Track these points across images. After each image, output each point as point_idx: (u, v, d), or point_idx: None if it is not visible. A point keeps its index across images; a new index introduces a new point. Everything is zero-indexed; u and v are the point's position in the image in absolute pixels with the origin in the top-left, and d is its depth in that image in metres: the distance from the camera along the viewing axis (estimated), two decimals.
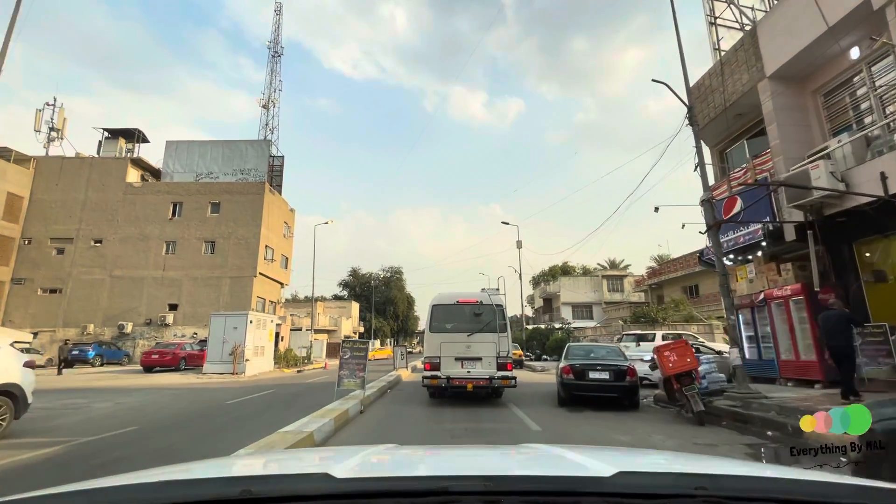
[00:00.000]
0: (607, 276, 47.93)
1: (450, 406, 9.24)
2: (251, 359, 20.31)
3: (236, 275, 31.79)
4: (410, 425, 7.39)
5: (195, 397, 11.91)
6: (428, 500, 0.88)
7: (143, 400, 11.26)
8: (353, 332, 63.60)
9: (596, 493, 0.93)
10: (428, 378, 9.14)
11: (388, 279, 74.55)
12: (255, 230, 32.57)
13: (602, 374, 8.53)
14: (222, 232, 32.52)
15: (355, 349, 8.77)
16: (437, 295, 9.97)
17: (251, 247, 32.30)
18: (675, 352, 6.96)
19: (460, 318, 9.43)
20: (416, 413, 8.60)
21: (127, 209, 32.58)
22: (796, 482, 1.06)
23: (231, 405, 10.12)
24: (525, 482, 1.05)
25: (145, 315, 30.79)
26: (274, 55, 61.94)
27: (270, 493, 0.93)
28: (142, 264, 31.70)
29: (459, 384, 8.93)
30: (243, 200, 33.13)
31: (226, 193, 33.31)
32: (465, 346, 9.12)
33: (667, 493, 0.92)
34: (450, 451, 2.19)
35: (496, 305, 9.39)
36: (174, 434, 6.99)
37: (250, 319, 20.36)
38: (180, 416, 8.81)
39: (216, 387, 15.02)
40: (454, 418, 8.00)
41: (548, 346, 28.70)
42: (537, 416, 8.13)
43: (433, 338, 9.38)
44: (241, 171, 35.78)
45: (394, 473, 1.31)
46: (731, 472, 1.17)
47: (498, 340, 9.07)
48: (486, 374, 8.95)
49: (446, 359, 9.10)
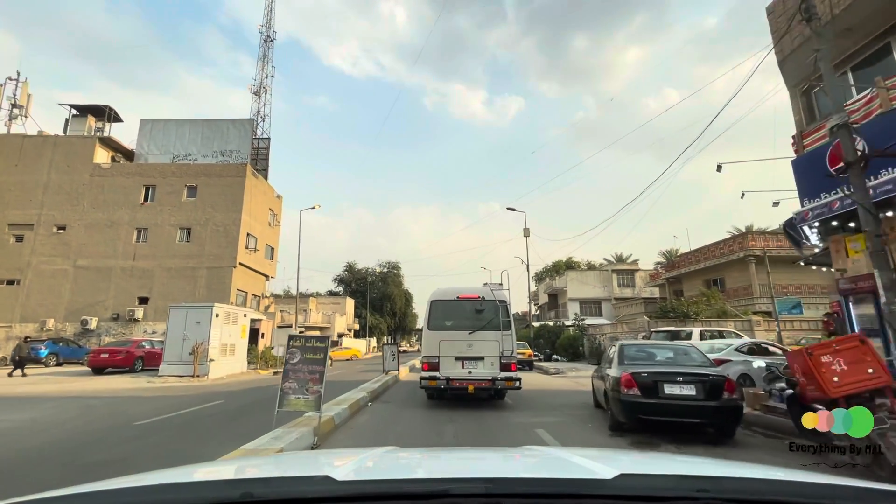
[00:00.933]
0: (617, 271, 44.97)
1: (453, 423, 7.45)
2: (217, 359, 17.35)
3: (214, 265, 28.80)
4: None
5: (110, 411, 8.95)
6: (429, 502, 0.87)
7: (38, 415, 8.33)
8: (348, 329, 60.59)
9: (597, 495, 0.92)
10: (426, 379, 8.62)
11: (384, 275, 71.41)
12: (236, 216, 29.56)
13: (685, 388, 5.55)
14: (199, 218, 29.51)
15: (308, 349, 5.79)
16: (436, 290, 9.51)
17: (231, 234, 29.29)
18: (844, 356, 4.01)
19: (461, 315, 8.93)
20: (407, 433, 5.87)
21: (94, 193, 29.54)
22: (798, 484, 1.06)
23: (137, 428, 7.14)
24: (526, 484, 1.05)
25: (112, 309, 27.79)
26: (266, 40, 58.77)
27: (271, 496, 0.94)
28: (109, 253, 28.68)
29: (460, 386, 8.40)
30: (223, 184, 30.10)
31: (203, 176, 30.27)
32: (467, 344, 8.64)
33: (669, 496, 0.91)
34: (450, 454, 2.15)
35: (499, 301, 8.90)
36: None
37: (216, 313, 17.38)
38: (40, 449, 5.88)
39: (160, 394, 12.04)
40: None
41: (558, 344, 25.79)
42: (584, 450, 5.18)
43: (432, 336, 8.90)
44: (223, 153, 32.76)
45: (394, 476, 1.29)
46: (732, 474, 1.17)
47: (501, 339, 8.56)
48: (488, 374, 8.46)
49: (446, 358, 8.61)
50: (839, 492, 0.92)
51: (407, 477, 1.26)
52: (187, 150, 32.73)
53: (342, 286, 70.18)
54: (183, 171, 30.46)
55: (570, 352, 24.57)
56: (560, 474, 1.24)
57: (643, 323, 19.84)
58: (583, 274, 45.55)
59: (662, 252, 62.77)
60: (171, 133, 33.00)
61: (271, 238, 34.70)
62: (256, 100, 61.18)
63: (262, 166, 35.96)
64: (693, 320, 19.24)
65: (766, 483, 1.12)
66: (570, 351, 24.56)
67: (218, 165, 30.91)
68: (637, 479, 1.07)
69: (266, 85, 61.38)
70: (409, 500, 0.90)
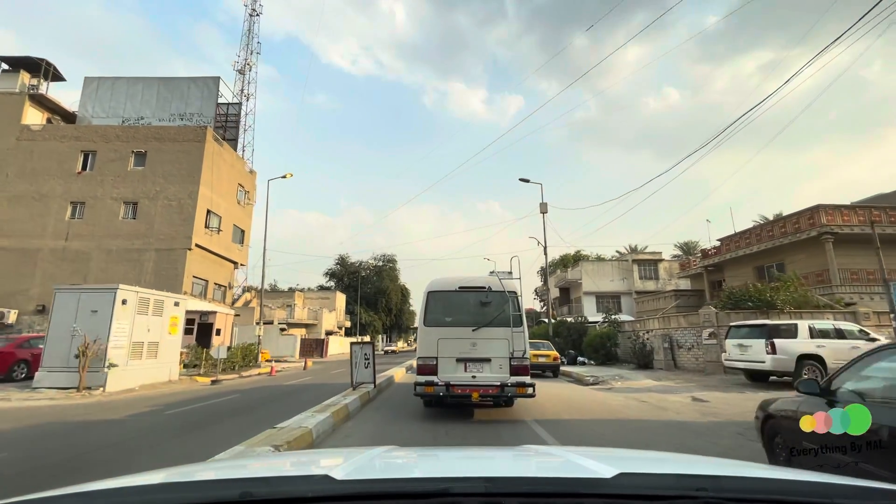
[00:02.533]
0: (639, 261, 39.97)
1: None
2: (125, 363, 12.34)
3: (165, 246, 23.77)
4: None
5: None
6: (429, 501, 0.87)
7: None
8: (338, 326, 55.52)
9: (597, 494, 0.92)
10: (421, 385, 7.15)
11: (379, 268, 66.24)
12: (192, 189, 24.53)
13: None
14: (148, 190, 24.48)
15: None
16: (433, 280, 8.02)
17: (186, 210, 24.27)
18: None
19: (463, 309, 7.65)
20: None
21: (21, 160, 24.49)
22: (797, 483, 1.06)
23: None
24: (526, 483, 1.04)
25: (38, 299, 22.73)
26: (252, 13, 53.81)
27: (270, 495, 0.94)
28: (37, 232, 23.65)
29: (462, 393, 7.04)
30: (178, 150, 25.05)
31: (154, 140, 25.21)
32: (470, 343, 7.31)
33: (668, 495, 0.91)
34: (450, 453, 2.11)
35: (509, 292, 7.50)
36: None
37: (123, 298, 12.35)
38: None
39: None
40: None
41: (585, 344, 20.82)
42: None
43: (429, 333, 7.48)
44: (182, 117, 27.75)
45: (394, 475, 1.29)
46: (732, 473, 1.16)
47: (511, 337, 7.22)
48: (496, 379, 7.12)
49: (445, 360, 7.29)
50: (837, 490, 0.92)
51: (407, 476, 1.27)
52: (140, 112, 27.71)
53: (333, 280, 65.00)
54: (130, 134, 25.38)
55: (602, 353, 19.58)
56: (560, 473, 1.25)
57: (709, 315, 14.82)
58: (599, 265, 40.53)
59: (679, 244, 57.74)
60: (120, 93, 27.97)
61: (241, 219, 29.61)
62: (241, 78, 56.01)
63: (232, 135, 30.93)
64: (779, 311, 14.28)
65: (765, 482, 1.10)
66: (602, 352, 19.58)
67: (172, 128, 25.83)
68: (637, 478, 1.06)
69: (251, 61, 56.38)
70: (409, 500, 0.90)
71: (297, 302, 48.60)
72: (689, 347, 15.76)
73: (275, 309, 45.03)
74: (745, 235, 26.05)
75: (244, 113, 52.88)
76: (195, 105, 27.88)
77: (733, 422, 6.99)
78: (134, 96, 27.86)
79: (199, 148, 25.08)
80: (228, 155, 28.18)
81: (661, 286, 38.86)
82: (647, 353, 17.09)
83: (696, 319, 15.66)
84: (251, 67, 55.71)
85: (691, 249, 55.81)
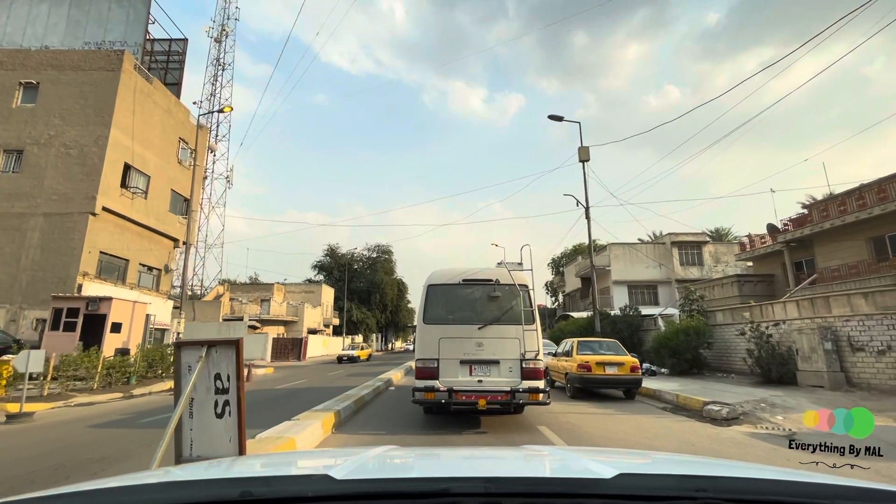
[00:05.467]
0: (679, 244, 33.24)
1: None
2: None
3: (57, 210, 17.12)
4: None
5: None
6: (428, 501, 0.86)
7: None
8: (325, 324, 48.71)
9: (597, 494, 0.91)
10: (421, 391, 6.31)
11: (373, 260, 59.39)
12: (101, 132, 17.87)
13: None
14: (38, 134, 17.83)
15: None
16: (433, 272, 7.19)
17: (90, 162, 17.59)
18: None
19: (468, 304, 6.91)
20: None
21: None
22: (797, 484, 1.04)
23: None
24: (526, 484, 1.03)
25: None
26: None
27: (270, 495, 0.93)
28: None
29: (466, 399, 6.19)
30: (83, 81, 18.37)
31: (51, 69, 18.52)
32: (476, 343, 6.48)
33: (668, 496, 0.90)
34: (450, 453, 2.10)
35: (520, 285, 6.72)
36: None
37: None
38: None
39: None
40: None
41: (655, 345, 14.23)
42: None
43: (429, 332, 6.65)
44: (99, 45, 21.07)
45: (394, 475, 1.27)
46: (732, 474, 1.15)
47: (523, 336, 6.38)
48: (505, 384, 6.27)
49: (448, 362, 6.43)
50: (838, 491, 0.91)
51: (407, 476, 1.24)
52: (44, 40, 21.05)
53: (323, 273, 58.19)
54: (17, 60, 18.69)
55: (686, 359, 12.95)
56: (560, 474, 1.24)
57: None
58: (631, 249, 33.77)
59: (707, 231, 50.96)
60: (19, 16, 21.32)
61: (181, 183, 22.81)
62: (216, 46, 49.36)
63: (173, 78, 24.24)
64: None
65: (765, 483, 1.10)
66: (686, 357, 12.93)
67: (77, 52, 19.12)
68: (636, 479, 1.06)
69: (228, 28, 49.66)
70: (409, 499, 0.89)
71: (275, 296, 41.98)
72: (877, 350, 9.09)
73: (246, 304, 38.40)
74: (841, 201, 19.39)
75: (220, 84, 45.64)
76: (117, 30, 21.24)
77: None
78: (36, 19, 21.24)
79: (113, 79, 18.39)
80: (162, 98, 21.44)
81: (705, 273, 32.20)
82: (786, 358, 10.41)
83: (883, 303, 8.98)
84: (228, 34, 48.92)
85: (722, 236, 49.32)
